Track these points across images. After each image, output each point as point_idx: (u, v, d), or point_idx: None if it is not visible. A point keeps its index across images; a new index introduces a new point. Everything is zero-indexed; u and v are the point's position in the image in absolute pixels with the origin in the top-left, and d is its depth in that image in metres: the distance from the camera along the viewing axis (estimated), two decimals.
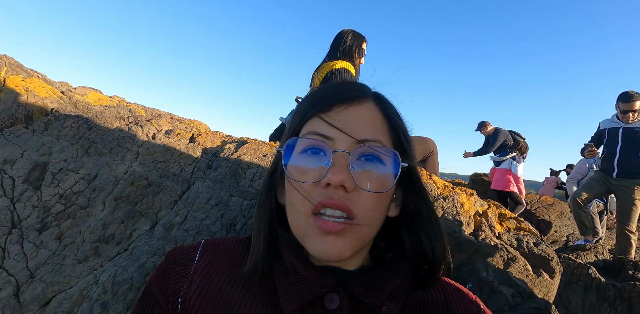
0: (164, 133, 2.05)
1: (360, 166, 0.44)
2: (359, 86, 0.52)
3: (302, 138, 0.47)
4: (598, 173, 3.51)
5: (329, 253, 0.42)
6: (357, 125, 0.46)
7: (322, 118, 0.47)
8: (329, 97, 0.49)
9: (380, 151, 0.45)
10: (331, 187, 0.42)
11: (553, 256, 1.43)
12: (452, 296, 0.51)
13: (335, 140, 0.44)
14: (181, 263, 0.50)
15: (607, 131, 3.33)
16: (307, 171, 0.44)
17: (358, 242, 0.44)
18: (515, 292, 1.28)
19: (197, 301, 0.44)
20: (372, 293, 0.44)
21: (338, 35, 2.13)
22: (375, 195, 0.44)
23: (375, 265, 0.51)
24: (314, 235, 0.43)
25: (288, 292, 0.43)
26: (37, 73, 2.37)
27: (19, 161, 1.71)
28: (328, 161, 0.43)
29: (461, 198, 1.56)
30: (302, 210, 0.44)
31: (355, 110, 0.47)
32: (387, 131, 0.48)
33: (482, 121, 5.81)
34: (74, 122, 1.92)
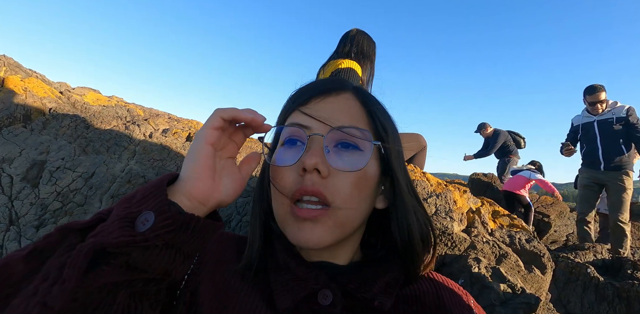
0: (161, 132, 2.07)
1: (337, 152, 0.45)
2: (338, 80, 0.53)
3: (284, 126, 0.48)
4: (584, 173, 3.47)
5: (307, 240, 0.43)
6: (334, 113, 0.47)
7: (300, 110, 0.48)
8: (307, 91, 0.50)
9: (354, 133, 0.45)
10: (307, 173, 0.43)
11: (545, 252, 1.44)
12: (444, 290, 0.51)
13: (312, 128, 0.46)
14: None
15: (581, 126, 3.35)
16: (286, 159, 0.46)
17: (337, 229, 0.44)
18: (506, 287, 1.29)
19: (207, 289, 0.43)
20: (364, 288, 0.45)
21: (352, 37, 2.01)
22: (352, 180, 0.44)
23: (367, 261, 0.51)
24: (291, 223, 0.44)
25: (282, 290, 0.43)
26: (36, 74, 2.40)
27: (17, 159, 1.73)
28: (304, 147, 0.45)
29: (454, 195, 1.58)
30: (281, 200, 0.45)
31: (333, 100, 0.49)
32: (366, 120, 0.49)
33: (482, 123, 5.83)
34: (71, 121, 1.94)
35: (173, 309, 0.41)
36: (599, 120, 3.20)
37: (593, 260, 3.62)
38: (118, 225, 0.32)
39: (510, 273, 1.35)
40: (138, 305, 0.33)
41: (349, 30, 2.06)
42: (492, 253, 1.41)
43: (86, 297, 0.29)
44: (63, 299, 0.28)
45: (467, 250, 1.41)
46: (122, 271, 0.31)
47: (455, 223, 1.47)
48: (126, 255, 0.31)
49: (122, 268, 0.31)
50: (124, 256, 0.31)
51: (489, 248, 1.41)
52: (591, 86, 3.19)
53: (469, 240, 1.43)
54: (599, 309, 2.54)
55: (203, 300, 0.42)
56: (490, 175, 5.83)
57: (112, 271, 0.30)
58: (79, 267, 0.29)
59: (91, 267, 0.29)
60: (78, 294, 0.28)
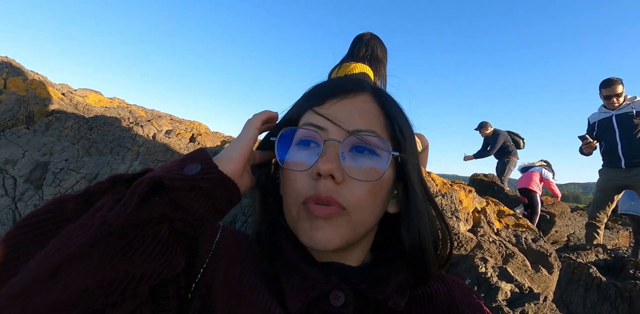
0: (164, 133, 2.07)
1: (352, 157, 0.44)
2: (356, 80, 0.52)
3: (298, 128, 0.47)
4: (603, 174, 3.25)
5: (317, 238, 0.42)
6: (351, 116, 0.46)
7: (315, 111, 0.47)
8: (323, 91, 0.49)
9: (372, 141, 0.45)
10: (321, 178, 0.42)
11: (551, 252, 1.44)
12: (455, 290, 0.51)
13: (328, 130, 0.45)
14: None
15: (597, 123, 3.15)
16: (300, 162, 0.45)
17: (349, 232, 0.44)
18: (513, 287, 1.29)
19: (221, 284, 0.43)
20: (377, 289, 0.44)
21: (366, 41, 1.99)
22: (367, 187, 0.44)
23: (377, 262, 0.51)
24: (303, 220, 0.44)
25: (293, 291, 0.43)
26: (38, 75, 2.39)
27: (20, 161, 1.72)
28: (319, 151, 0.44)
29: (460, 195, 1.58)
30: (294, 200, 0.44)
31: (350, 102, 0.47)
32: (384, 123, 0.48)
33: (483, 121, 5.83)
34: (74, 123, 1.93)
35: (189, 303, 0.41)
36: (618, 114, 3.00)
37: (595, 260, 3.62)
38: (169, 168, 0.38)
39: (517, 272, 1.35)
40: (174, 246, 0.35)
41: (362, 34, 2.03)
42: (498, 253, 1.41)
43: (138, 223, 0.32)
44: (121, 219, 0.31)
45: (474, 250, 1.41)
46: (171, 206, 0.35)
47: (461, 223, 1.47)
48: (175, 191, 0.36)
49: (171, 203, 0.35)
50: (173, 192, 0.35)
51: (495, 248, 1.40)
52: (607, 79, 3.02)
53: (475, 240, 1.42)
54: (602, 310, 2.53)
55: (217, 295, 0.42)
56: (491, 176, 5.84)
57: (163, 204, 0.34)
58: (138, 194, 0.33)
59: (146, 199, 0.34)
60: (133, 218, 0.32)
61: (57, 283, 0.28)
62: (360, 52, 1.94)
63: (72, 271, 0.29)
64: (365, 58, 1.92)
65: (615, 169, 3.08)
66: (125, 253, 0.31)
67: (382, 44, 2.01)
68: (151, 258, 0.33)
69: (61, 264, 0.29)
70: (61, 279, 0.28)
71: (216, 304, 0.41)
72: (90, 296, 0.29)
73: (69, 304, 0.28)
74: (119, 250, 0.31)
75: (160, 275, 0.34)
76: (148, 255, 0.32)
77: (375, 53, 1.95)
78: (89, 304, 0.29)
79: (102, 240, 0.30)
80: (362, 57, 1.92)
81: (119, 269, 0.31)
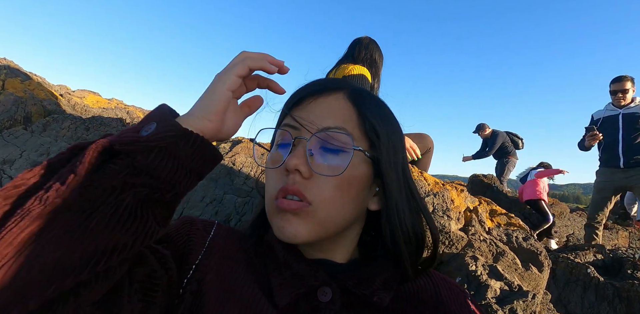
0: None
1: (321, 154, 0.46)
2: (333, 80, 0.54)
3: (277, 129, 0.50)
4: (601, 175, 3.22)
5: (284, 231, 0.44)
6: (321, 114, 0.47)
7: (291, 113, 0.49)
8: (300, 92, 0.51)
9: (338, 137, 0.46)
10: (290, 174, 0.44)
11: (542, 250, 1.45)
12: (441, 287, 0.52)
13: (300, 130, 0.47)
14: (198, 228, 0.49)
15: (602, 120, 3.11)
16: (276, 160, 0.48)
17: (316, 227, 0.45)
18: (503, 285, 1.30)
19: (213, 280, 0.44)
20: (363, 285, 0.46)
21: (365, 45, 2.02)
22: (334, 182, 0.45)
23: (365, 259, 0.52)
24: (275, 214, 0.46)
25: (281, 286, 0.44)
26: (36, 76, 2.42)
27: (18, 161, 1.74)
28: (289, 149, 0.46)
29: (451, 194, 1.59)
30: (269, 196, 0.47)
31: (323, 100, 0.49)
32: (356, 121, 0.48)
33: (481, 123, 5.84)
34: (71, 123, 1.95)
35: (180, 298, 0.42)
36: (625, 113, 2.96)
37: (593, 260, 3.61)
38: (124, 131, 0.36)
39: (507, 270, 1.36)
40: (145, 215, 0.34)
41: (360, 37, 2.06)
42: (489, 251, 1.42)
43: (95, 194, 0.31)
44: (76, 194, 0.30)
45: (465, 249, 1.42)
46: (129, 171, 0.33)
47: (452, 222, 1.48)
48: (132, 155, 0.33)
49: (129, 168, 0.33)
50: (129, 157, 0.33)
51: (486, 246, 1.42)
52: (619, 75, 3.00)
53: (466, 239, 1.44)
54: (599, 309, 2.54)
55: (208, 290, 0.42)
56: (490, 176, 5.85)
57: (120, 170, 0.32)
58: (89, 162, 0.31)
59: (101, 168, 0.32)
60: (88, 190, 0.30)
61: (22, 262, 0.27)
62: (360, 54, 1.95)
63: (36, 248, 0.27)
64: (365, 61, 1.93)
65: (613, 169, 3.05)
66: (87, 226, 0.30)
67: (379, 49, 2.03)
68: (117, 230, 0.31)
69: (24, 242, 0.27)
70: (26, 258, 0.27)
71: (206, 299, 0.42)
72: (57, 275, 0.28)
73: (34, 284, 0.27)
74: (80, 223, 0.29)
75: (133, 247, 0.33)
76: (113, 227, 0.31)
77: (373, 57, 1.97)
78: (59, 282, 0.28)
79: (58, 216, 0.29)
80: (361, 59, 1.93)
81: (84, 243, 0.29)
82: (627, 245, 5.03)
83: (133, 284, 0.37)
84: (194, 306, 0.41)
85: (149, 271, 0.38)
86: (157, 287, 0.38)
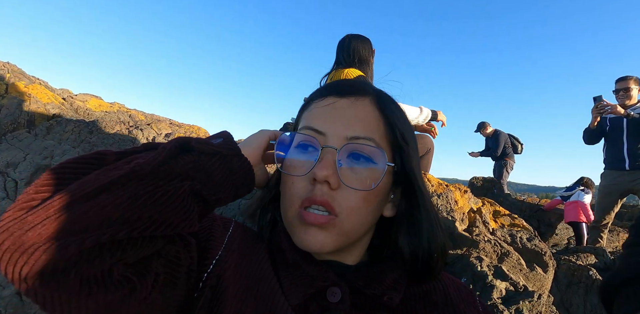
0: (164, 136, 2.09)
1: (349, 163, 0.45)
2: (359, 83, 0.52)
3: (297, 133, 0.49)
4: (606, 177, 3.15)
5: (310, 244, 0.44)
6: (349, 121, 0.46)
7: (316, 106, 0.49)
8: (328, 87, 0.51)
9: (369, 150, 0.45)
10: (317, 183, 0.43)
11: (546, 250, 1.45)
12: (450, 287, 0.52)
13: (327, 135, 0.46)
14: (219, 224, 0.49)
15: (608, 119, 3.03)
16: (298, 166, 0.46)
17: (342, 237, 0.45)
18: (508, 285, 1.30)
19: (232, 276, 0.44)
20: (373, 285, 0.46)
21: (347, 45, 1.99)
22: (362, 194, 0.44)
23: (373, 261, 0.52)
24: (298, 225, 0.45)
25: (292, 286, 0.44)
26: (39, 80, 2.43)
27: (21, 164, 1.74)
28: (317, 157, 0.45)
29: (455, 195, 1.59)
30: (291, 203, 0.46)
31: (351, 105, 0.48)
32: (383, 130, 0.48)
33: (482, 122, 5.84)
34: (75, 126, 1.96)
35: (200, 291, 0.42)
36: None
37: (595, 262, 3.61)
38: (197, 138, 0.43)
39: (512, 271, 1.36)
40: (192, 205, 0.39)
41: (342, 39, 2.04)
42: (494, 252, 1.42)
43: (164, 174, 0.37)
44: (150, 167, 0.36)
45: (469, 249, 1.42)
46: (193, 166, 0.39)
47: (457, 223, 1.49)
48: (199, 154, 0.40)
49: (194, 164, 0.39)
50: (198, 155, 0.40)
51: (490, 247, 1.42)
52: (623, 75, 2.98)
53: (470, 239, 1.44)
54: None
55: (227, 286, 0.43)
56: (490, 179, 5.85)
57: (187, 163, 0.39)
58: (169, 149, 0.38)
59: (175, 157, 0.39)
60: (160, 170, 0.36)
61: (91, 205, 0.32)
62: (346, 59, 1.93)
63: (105, 199, 0.32)
64: (354, 64, 1.92)
65: (618, 171, 3.00)
66: (151, 197, 0.35)
67: (362, 42, 1.98)
68: (171, 209, 0.36)
69: (97, 190, 0.33)
70: (95, 203, 0.32)
71: (225, 295, 0.42)
72: (116, 225, 0.32)
73: (96, 226, 0.31)
74: (145, 192, 0.35)
75: (176, 227, 0.37)
76: (169, 205, 0.36)
77: (359, 56, 1.94)
78: (114, 231, 0.32)
79: (133, 180, 0.35)
80: (349, 63, 1.92)
81: (143, 209, 0.34)
82: None
83: (160, 258, 0.39)
84: (214, 301, 0.42)
85: (174, 252, 0.40)
86: (180, 268, 0.40)
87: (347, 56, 1.94)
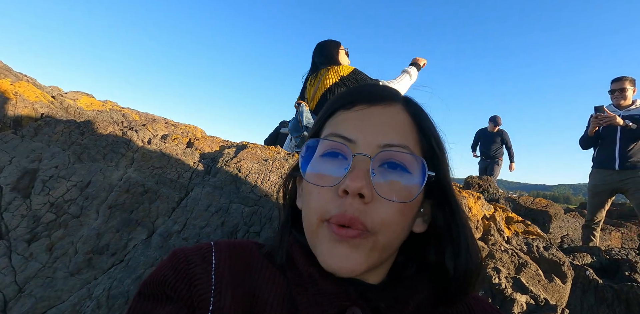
0: (160, 138, 1.99)
1: (382, 173, 0.41)
2: (388, 89, 0.49)
3: (323, 139, 0.44)
4: (595, 176, 3.18)
5: (340, 266, 0.39)
6: (382, 128, 0.43)
7: (344, 114, 0.44)
8: (355, 94, 0.46)
9: (404, 158, 0.41)
10: (348, 196, 0.39)
11: (564, 260, 1.40)
12: (476, 308, 0.49)
13: (357, 143, 0.41)
14: (196, 264, 0.42)
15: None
16: (326, 176, 0.42)
17: (374, 255, 0.41)
18: (529, 298, 1.24)
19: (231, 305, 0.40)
20: (397, 307, 0.42)
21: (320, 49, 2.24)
22: (397, 207, 0.40)
23: (396, 279, 0.47)
24: (325, 242, 0.40)
25: (308, 305, 0.40)
26: (26, 77, 2.29)
27: (7, 168, 1.62)
28: (347, 166, 0.40)
29: (469, 202, 1.53)
30: (316, 216, 0.41)
31: (382, 112, 0.45)
32: (417, 137, 0.45)
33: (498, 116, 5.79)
34: (65, 127, 1.84)
35: None
36: (625, 115, 2.94)
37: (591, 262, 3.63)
38: None
39: (531, 283, 1.31)
40: None
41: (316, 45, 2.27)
42: (511, 262, 1.36)
43: None
44: None
45: (486, 259, 1.36)
46: None
47: None
48: None
49: None
50: None
51: (507, 257, 1.36)
52: (619, 76, 3.03)
53: (486, 249, 1.38)
54: (599, 312, 2.52)
55: None
56: (486, 178, 5.86)
57: None
58: None
59: None
60: None
61: None
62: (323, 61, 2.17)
63: None
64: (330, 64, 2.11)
65: (607, 170, 3.04)
66: None
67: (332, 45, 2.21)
68: None
69: None
70: None
71: None
72: None
73: None
74: None
75: None
76: None
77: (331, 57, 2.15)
78: None
79: None
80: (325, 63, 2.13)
81: None
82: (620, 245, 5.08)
83: None
84: None
85: None
86: None
87: (323, 58, 2.18)
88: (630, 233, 5.30)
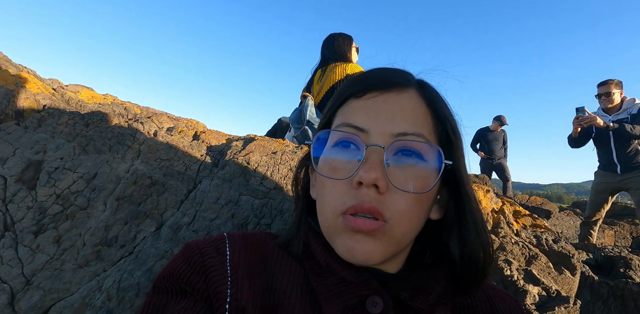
0: (166, 130, 1.96)
1: (397, 162, 0.40)
2: (402, 72, 0.47)
3: (334, 130, 0.43)
4: (599, 176, 3.23)
5: (357, 254, 0.39)
6: (395, 116, 0.41)
7: (355, 103, 0.43)
8: (366, 80, 0.45)
9: (420, 146, 0.40)
10: (363, 187, 0.38)
11: (574, 253, 1.41)
12: (495, 298, 0.49)
13: (370, 132, 0.40)
14: (211, 255, 0.42)
15: (594, 127, 3.09)
16: (338, 168, 0.41)
17: (391, 246, 0.40)
18: (540, 290, 1.25)
19: (252, 307, 0.39)
20: (420, 297, 0.41)
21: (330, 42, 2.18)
22: (414, 196, 0.39)
23: (415, 268, 0.47)
24: (342, 233, 0.40)
25: (329, 295, 0.39)
26: (26, 69, 2.24)
27: (10, 159, 1.59)
28: (361, 156, 0.39)
29: (478, 194, 1.54)
30: (332, 209, 0.40)
31: (395, 99, 0.43)
32: (432, 124, 0.43)
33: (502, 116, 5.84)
34: (69, 119, 1.81)
35: None
36: (614, 121, 2.96)
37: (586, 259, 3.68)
38: None
39: (542, 275, 1.32)
40: None
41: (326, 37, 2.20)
42: (521, 255, 1.37)
43: None
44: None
45: (497, 252, 1.37)
46: None
47: None
48: None
49: None
50: None
51: (518, 250, 1.37)
52: (605, 79, 3.04)
53: (497, 241, 1.39)
54: (594, 308, 2.55)
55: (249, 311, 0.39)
56: (482, 176, 5.91)
57: None
58: None
59: None
60: None
61: None
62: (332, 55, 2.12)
63: None
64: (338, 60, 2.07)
65: (611, 173, 3.11)
66: None
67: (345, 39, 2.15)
68: None
69: None
70: None
71: None
72: None
73: None
74: None
75: None
76: None
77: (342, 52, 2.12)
78: None
79: None
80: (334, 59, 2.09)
81: None
82: (613, 243, 5.16)
83: None
84: None
85: None
86: None
87: (333, 53, 2.11)
88: (623, 232, 5.39)
